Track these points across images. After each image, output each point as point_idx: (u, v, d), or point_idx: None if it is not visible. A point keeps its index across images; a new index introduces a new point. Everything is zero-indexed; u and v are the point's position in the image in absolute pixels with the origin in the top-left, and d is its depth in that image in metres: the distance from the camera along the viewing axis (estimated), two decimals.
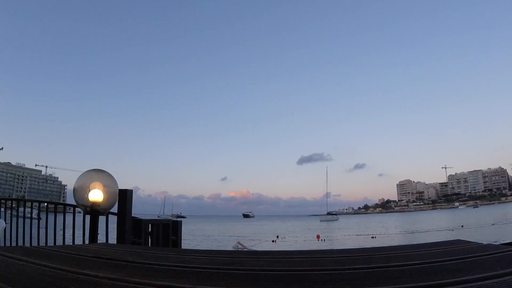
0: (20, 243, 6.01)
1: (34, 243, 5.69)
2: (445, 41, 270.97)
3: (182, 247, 5.70)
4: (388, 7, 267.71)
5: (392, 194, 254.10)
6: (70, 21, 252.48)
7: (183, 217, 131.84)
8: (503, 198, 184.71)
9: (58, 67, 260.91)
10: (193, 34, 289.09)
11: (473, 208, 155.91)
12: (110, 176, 4.51)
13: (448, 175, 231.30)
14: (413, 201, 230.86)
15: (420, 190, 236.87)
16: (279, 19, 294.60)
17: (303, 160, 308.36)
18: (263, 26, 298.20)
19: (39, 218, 6.17)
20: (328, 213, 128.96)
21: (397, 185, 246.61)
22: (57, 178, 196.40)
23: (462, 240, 2.58)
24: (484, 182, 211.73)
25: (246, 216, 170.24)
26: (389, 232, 45.24)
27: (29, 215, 6.47)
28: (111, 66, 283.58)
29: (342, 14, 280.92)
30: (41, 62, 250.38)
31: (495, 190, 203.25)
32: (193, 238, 42.11)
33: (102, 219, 4.65)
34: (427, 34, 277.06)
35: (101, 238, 4.63)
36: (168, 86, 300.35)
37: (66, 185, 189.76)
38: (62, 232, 5.61)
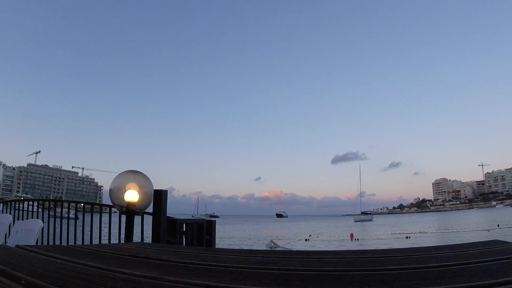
0: (58, 242, 6.15)
1: (71, 242, 5.82)
2: (479, 39, 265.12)
3: (216, 247, 5.74)
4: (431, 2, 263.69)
5: (427, 193, 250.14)
6: (108, 23, 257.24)
7: (217, 216, 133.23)
8: None
9: (93, 68, 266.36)
10: (226, 34, 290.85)
11: (511, 207, 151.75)
12: (145, 177, 4.56)
13: (485, 173, 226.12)
14: (449, 200, 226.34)
15: (457, 189, 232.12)
16: (308, 18, 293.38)
17: (337, 159, 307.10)
18: (293, 25, 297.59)
19: (76, 218, 6.30)
20: (362, 213, 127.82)
21: (432, 184, 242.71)
22: (94, 179, 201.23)
23: (499, 240, 2.51)
24: None
25: (279, 216, 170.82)
26: (424, 232, 44.48)
27: (66, 215, 6.62)
28: (145, 67, 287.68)
29: (376, 10, 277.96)
30: (75, 63, 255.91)
31: None
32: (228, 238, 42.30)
33: (137, 218, 4.72)
34: (462, 32, 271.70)
35: (136, 237, 4.70)
36: (203, 87, 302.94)
37: (102, 186, 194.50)
38: (98, 232, 5.71)
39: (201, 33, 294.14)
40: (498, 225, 45.02)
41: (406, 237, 37.80)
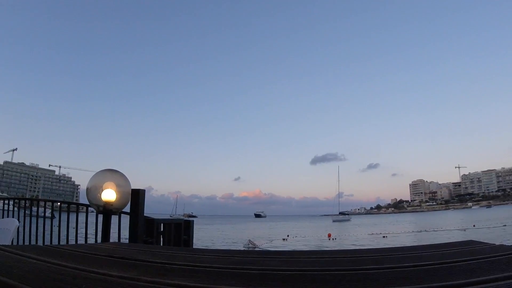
0: (34, 242, 6.06)
1: (47, 242, 5.74)
2: (458, 42, 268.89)
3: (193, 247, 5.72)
4: (404, 7, 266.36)
5: (405, 194, 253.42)
6: (85, 21, 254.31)
7: (195, 216, 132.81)
8: None
9: (71, 66, 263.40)
10: (207, 35, 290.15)
11: (486, 208, 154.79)
12: (123, 176, 4.52)
13: (461, 174, 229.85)
14: (426, 201, 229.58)
15: (433, 190, 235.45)
16: (292, 19, 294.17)
17: (316, 160, 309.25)
18: (276, 26, 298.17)
19: (52, 217, 6.22)
20: (340, 213, 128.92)
21: (410, 185, 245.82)
22: (71, 178, 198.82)
23: (474, 240, 2.55)
24: (498, 182, 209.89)
25: (258, 216, 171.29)
26: (400, 232, 44.99)
27: (42, 215, 6.53)
28: (124, 66, 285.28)
29: (356, 14, 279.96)
30: (54, 61, 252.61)
31: (509, 190, 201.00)
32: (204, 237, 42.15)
33: (114, 218, 4.67)
34: (441, 34, 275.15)
35: (113, 237, 4.65)
36: (182, 87, 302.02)
37: (80, 185, 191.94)
38: (75, 231, 5.65)
39: (184, 35, 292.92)
40: (474, 226, 45.83)
41: (383, 237, 38.22)
